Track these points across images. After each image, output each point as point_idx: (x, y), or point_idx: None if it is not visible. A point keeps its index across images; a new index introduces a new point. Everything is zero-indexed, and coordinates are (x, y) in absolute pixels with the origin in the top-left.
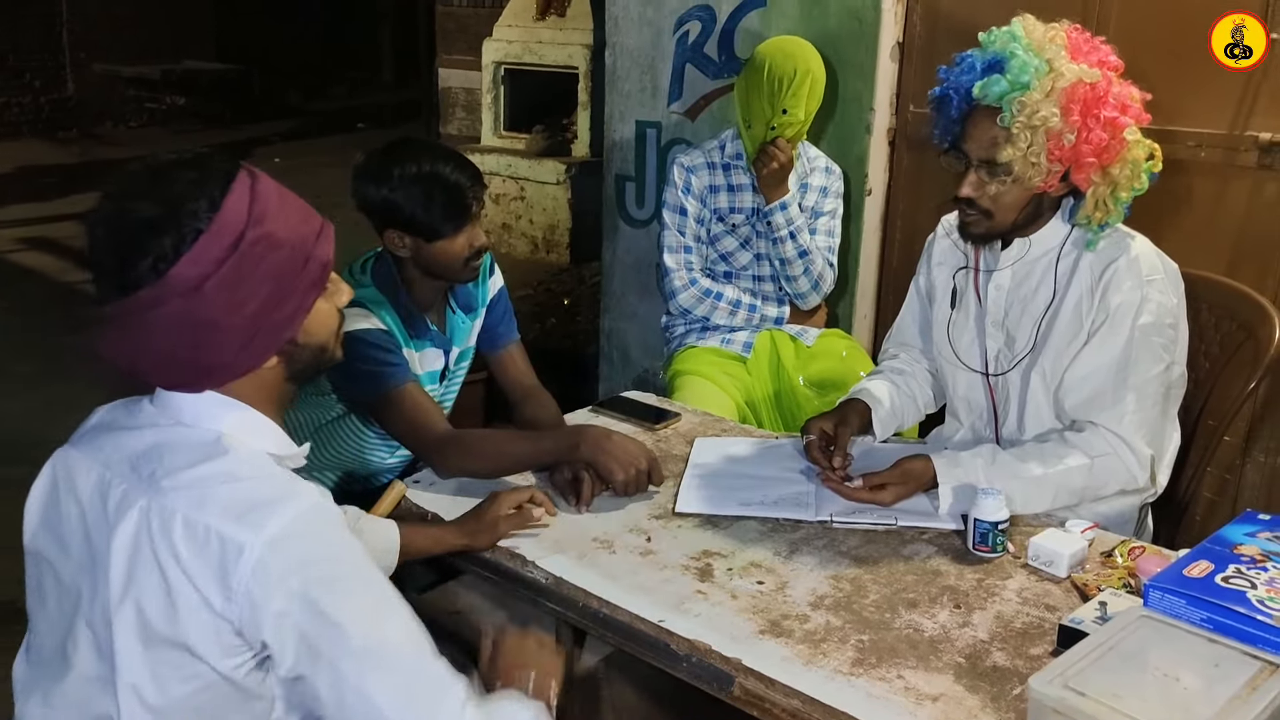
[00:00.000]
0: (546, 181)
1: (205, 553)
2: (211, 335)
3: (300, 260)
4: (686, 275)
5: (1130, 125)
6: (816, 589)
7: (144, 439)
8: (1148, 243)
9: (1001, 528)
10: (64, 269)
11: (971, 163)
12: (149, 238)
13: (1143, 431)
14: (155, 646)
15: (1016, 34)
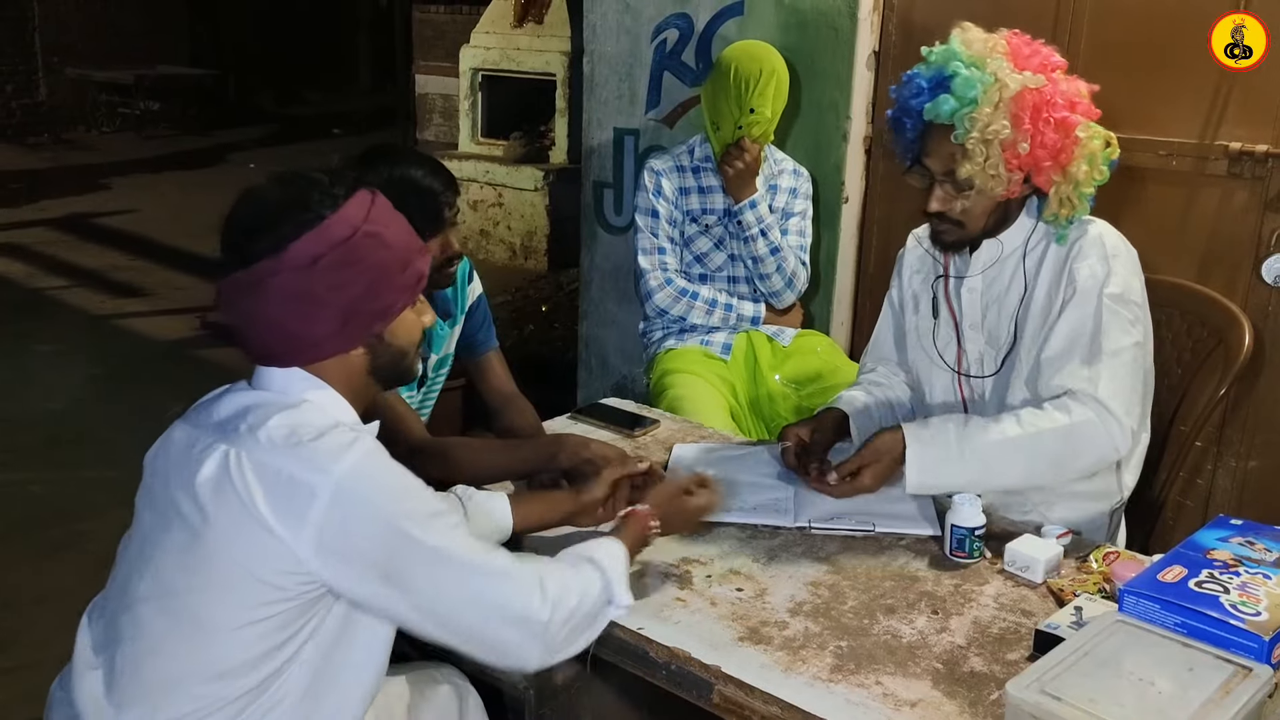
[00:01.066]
0: (524, 188)
1: (279, 492)
2: (314, 310)
3: (401, 264)
4: (661, 275)
5: (1081, 122)
6: (795, 595)
7: (234, 403)
8: (1109, 225)
9: (978, 534)
10: (32, 275)
11: (935, 178)
12: (275, 219)
13: (1120, 399)
14: (224, 573)
15: (956, 50)
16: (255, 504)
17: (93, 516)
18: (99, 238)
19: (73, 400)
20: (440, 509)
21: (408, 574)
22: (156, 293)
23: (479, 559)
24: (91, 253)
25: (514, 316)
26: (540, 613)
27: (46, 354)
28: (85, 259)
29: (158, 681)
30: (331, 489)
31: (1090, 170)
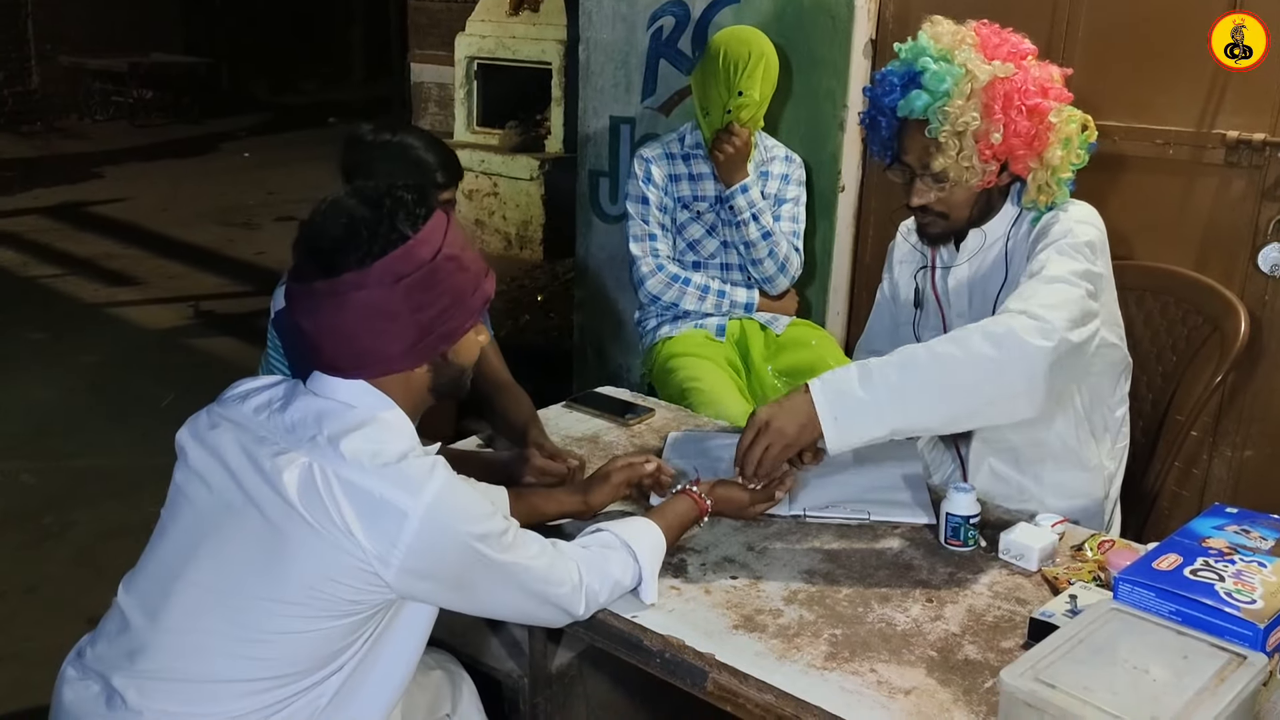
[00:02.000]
0: (520, 177)
1: (371, 512)
2: (391, 326)
3: (472, 287)
4: (653, 261)
5: (1054, 107)
6: (790, 584)
7: (303, 409)
8: (1088, 209)
9: (973, 522)
10: (26, 263)
11: (915, 173)
12: (364, 233)
13: (1053, 309)
14: (301, 583)
15: (925, 45)
16: (346, 522)
17: (83, 506)
18: (92, 226)
19: (64, 389)
20: (504, 525)
21: (475, 584)
22: (148, 281)
23: (537, 567)
24: (84, 241)
25: (509, 306)
26: (577, 609)
27: (38, 342)
28: (78, 247)
29: (197, 678)
30: (422, 513)
31: (1066, 155)
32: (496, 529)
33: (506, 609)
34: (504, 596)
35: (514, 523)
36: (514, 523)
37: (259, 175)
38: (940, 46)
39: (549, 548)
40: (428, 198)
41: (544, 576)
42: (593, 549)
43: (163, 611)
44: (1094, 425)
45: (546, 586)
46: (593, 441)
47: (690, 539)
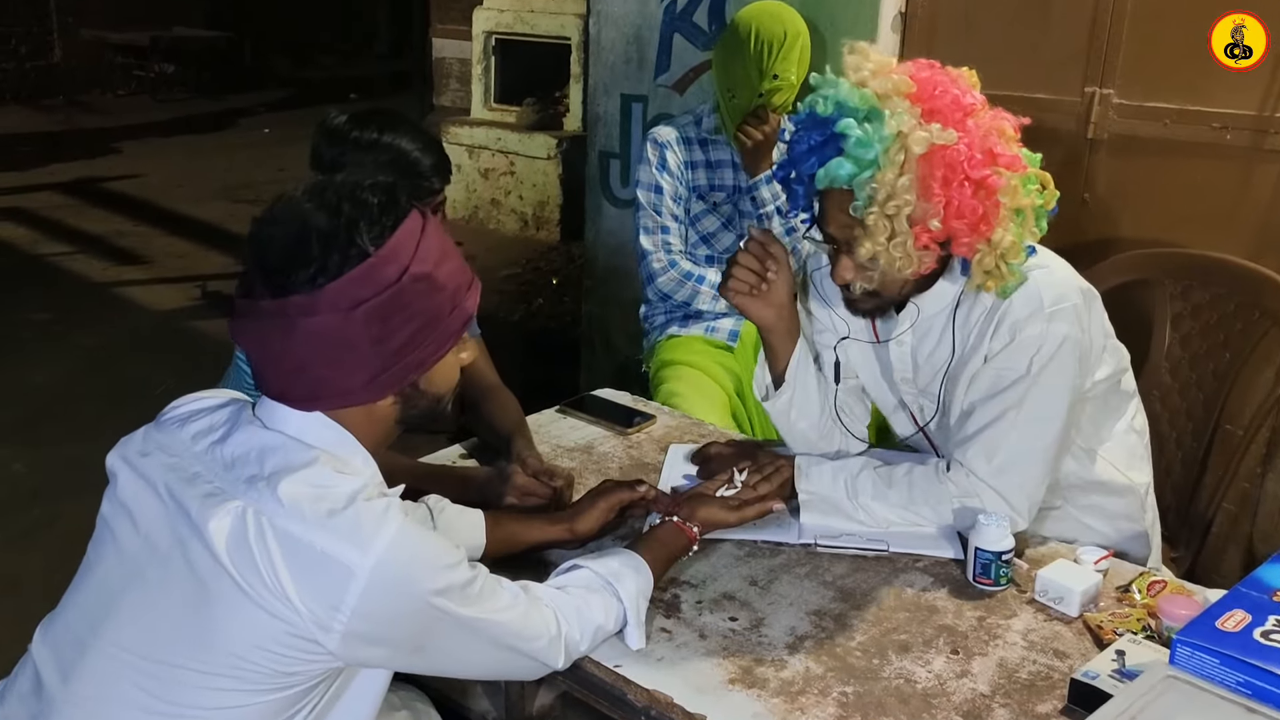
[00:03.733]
0: (537, 156)
1: (309, 570)
2: (348, 357)
3: (448, 307)
4: (665, 257)
5: (1004, 182)
6: (796, 628)
7: (244, 443)
8: (1056, 267)
9: (1006, 558)
10: (36, 241)
11: (839, 245)
12: (317, 249)
13: (1029, 497)
14: (228, 653)
15: (846, 98)
16: (279, 580)
17: (71, 499)
18: (105, 203)
19: (63, 372)
20: (469, 575)
21: (437, 645)
22: (156, 260)
23: (508, 620)
24: (96, 218)
25: (523, 290)
26: (555, 661)
27: (41, 323)
28: (90, 224)
29: None
30: (371, 568)
31: (1020, 234)
32: (460, 580)
33: (475, 668)
34: (471, 655)
35: (481, 570)
36: (481, 570)
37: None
38: (866, 98)
39: (522, 596)
40: (396, 203)
41: (517, 630)
42: (572, 591)
43: (75, 674)
44: (1109, 453)
45: (520, 641)
46: (585, 452)
47: (686, 569)
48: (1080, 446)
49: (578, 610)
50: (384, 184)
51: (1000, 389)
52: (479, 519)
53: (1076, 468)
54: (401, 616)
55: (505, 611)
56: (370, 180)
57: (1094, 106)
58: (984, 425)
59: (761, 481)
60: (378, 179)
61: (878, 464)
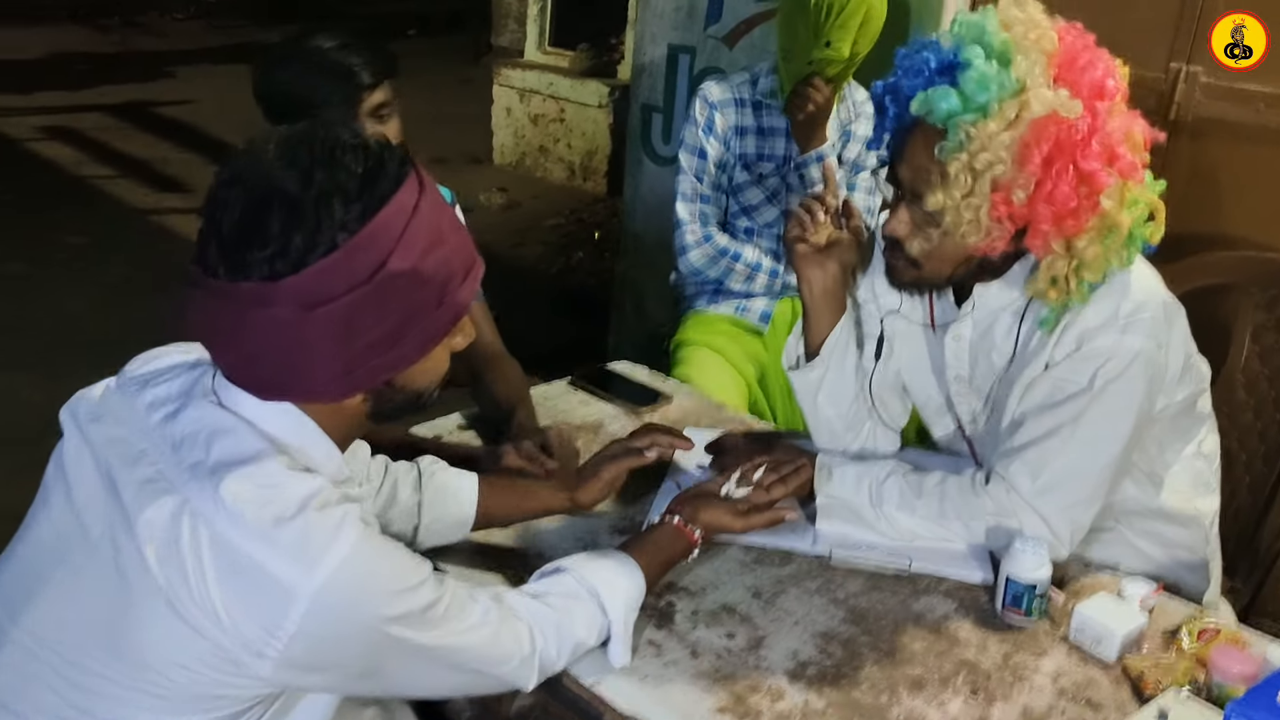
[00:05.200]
0: (588, 104)
1: (243, 587)
2: (306, 357)
3: (434, 302)
4: (700, 229)
5: (1112, 184)
6: (799, 651)
7: (197, 419)
8: (1140, 272)
9: (1040, 590)
10: (80, 162)
11: (903, 193)
12: (277, 226)
13: (1073, 522)
14: (144, 668)
15: (987, 29)
16: (209, 594)
17: None
18: (153, 127)
19: (92, 301)
20: (433, 596)
21: (389, 671)
22: (198, 189)
23: (474, 643)
24: (143, 142)
25: (564, 242)
26: (526, 682)
27: (75, 247)
28: (136, 148)
29: None
30: (314, 591)
31: (1105, 254)
32: (420, 603)
33: (434, 692)
34: (429, 680)
35: (447, 586)
36: (447, 586)
37: None
38: (1004, 39)
39: (493, 612)
40: (382, 172)
41: (483, 654)
42: (552, 601)
43: None
44: (1174, 479)
45: (486, 664)
46: (593, 430)
47: (685, 574)
48: (1142, 470)
49: (556, 625)
50: (374, 145)
51: (1057, 401)
52: (471, 488)
53: (1137, 493)
54: (347, 644)
55: (472, 633)
56: (356, 138)
57: (1178, 85)
58: (1033, 439)
59: (776, 483)
60: (368, 138)
61: (908, 470)
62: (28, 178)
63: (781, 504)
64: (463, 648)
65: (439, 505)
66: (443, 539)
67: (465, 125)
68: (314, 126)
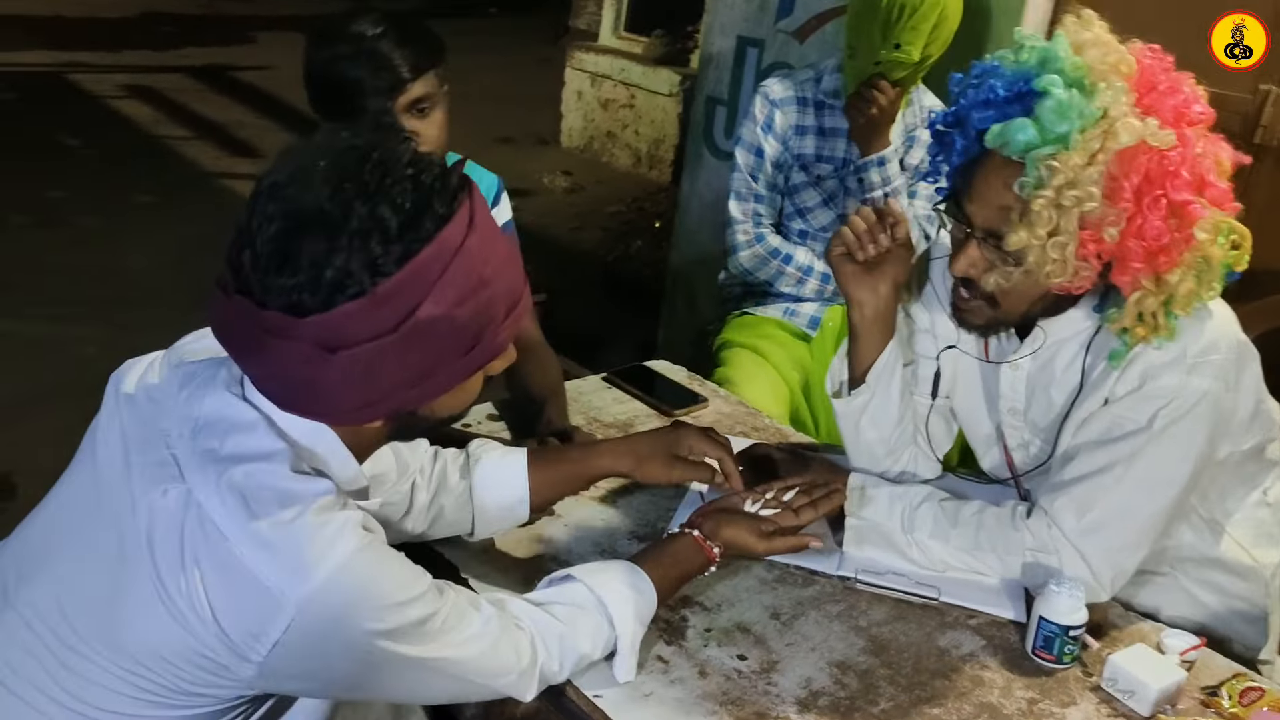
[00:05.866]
0: (658, 92)
1: (232, 589)
2: (324, 390)
3: (466, 346)
4: (753, 230)
5: (1206, 215)
6: (813, 680)
7: (221, 407)
8: (1213, 310)
9: (1074, 634)
10: (158, 121)
11: (974, 231)
12: (310, 258)
13: (1116, 567)
14: (131, 657)
15: (1058, 55)
16: (199, 591)
17: None
18: (231, 91)
19: (156, 259)
20: (430, 609)
21: (380, 680)
22: (269, 155)
23: (470, 655)
24: (219, 105)
25: (623, 229)
26: (525, 693)
27: (144, 205)
28: (212, 111)
29: None
30: (302, 601)
31: (1198, 287)
32: (415, 617)
33: (428, 698)
34: (422, 689)
35: (448, 596)
36: (448, 596)
37: None
38: (1079, 63)
39: (494, 622)
40: (428, 210)
41: (479, 666)
42: (558, 611)
43: None
44: (1235, 529)
45: (482, 677)
46: (623, 430)
47: (703, 588)
48: (1201, 516)
49: (560, 637)
50: (428, 176)
51: (1113, 438)
52: (519, 466)
53: (1195, 540)
54: (334, 655)
55: (469, 645)
56: (414, 165)
57: (1266, 106)
58: (1083, 475)
59: (806, 507)
60: (425, 161)
61: (944, 497)
62: (107, 134)
63: (809, 529)
64: (459, 660)
65: (489, 488)
66: (501, 524)
67: (537, 106)
68: (370, 145)
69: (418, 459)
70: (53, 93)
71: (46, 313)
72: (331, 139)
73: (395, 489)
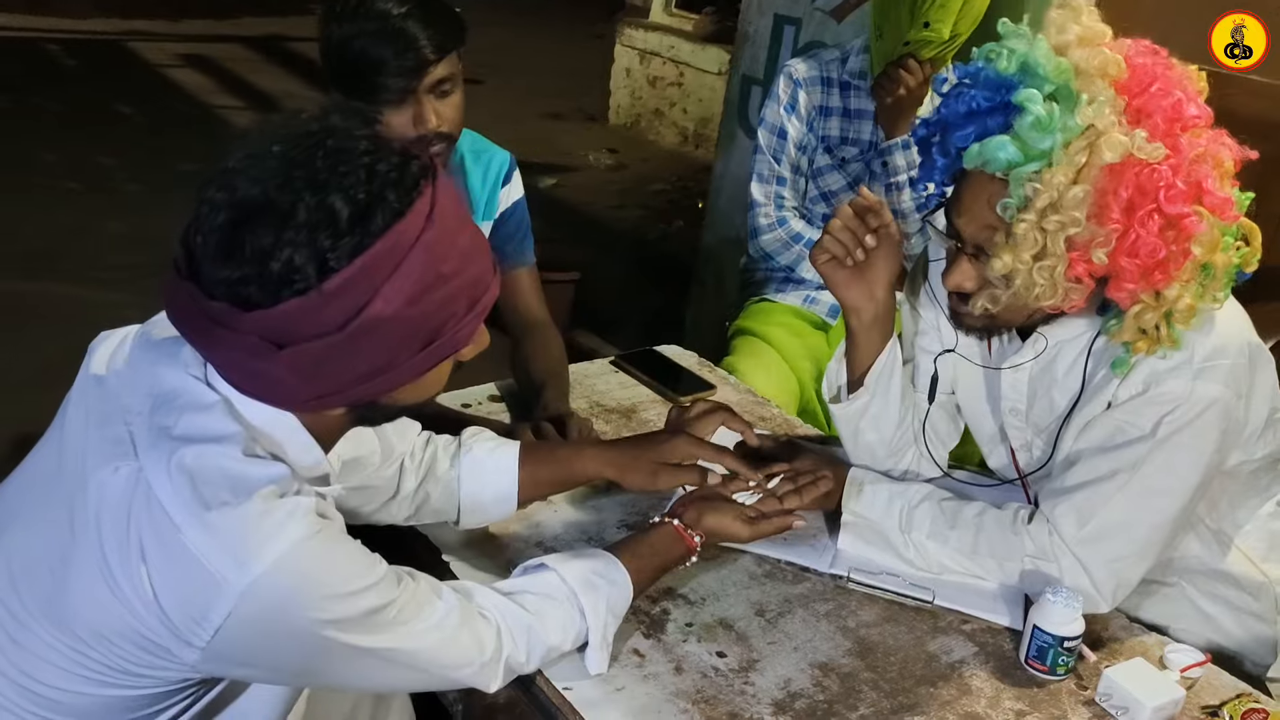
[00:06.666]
0: (707, 70)
1: (174, 573)
2: (274, 382)
3: (424, 341)
4: (775, 213)
5: (1203, 228)
6: (792, 681)
7: (182, 385)
8: (1224, 312)
9: (1069, 645)
10: (211, 91)
11: (964, 246)
12: (254, 250)
13: (1118, 577)
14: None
15: (1037, 62)
16: (141, 570)
17: None
18: (284, 62)
19: None
20: (386, 598)
21: (332, 668)
22: None
23: (427, 646)
24: (272, 76)
25: (666, 208)
26: (488, 684)
27: (187, 174)
28: (264, 81)
29: None
30: (245, 588)
31: (1201, 296)
32: (365, 607)
33: (384, 687)
34: (377, 678)
35: (406, 586)
36: (406, 586)
37: None
38: (1062, 68)
39: (455, 612)
40: (381, 204)
41: (438, 657)
42: (528, 602)
43: None
44: (1245, 541)
45: (441, 668)
46: (626, 415)
47: (689, 580)
48: (1209, 528)
49: (528, 629)
50: (385, 166)
51: (1116, 444)
52: (509, 469)
53: (1202, 552)
54: (279, 643)
55: (426, 636)
56: (369, 152)
57: None
58: (1085, 481)
59: (791, 494)
60: (384, 149)
61: (945, 497)
62: (161, 102)
63: None
64: (414, 650)
65: (477, 479)
66: (487, 517)
67: (588, 81)
68: (327, 131)
69: (406, 442)
70: (112, 60)
71: (90, 278)
72: (289, 123)
73: (378, 473)
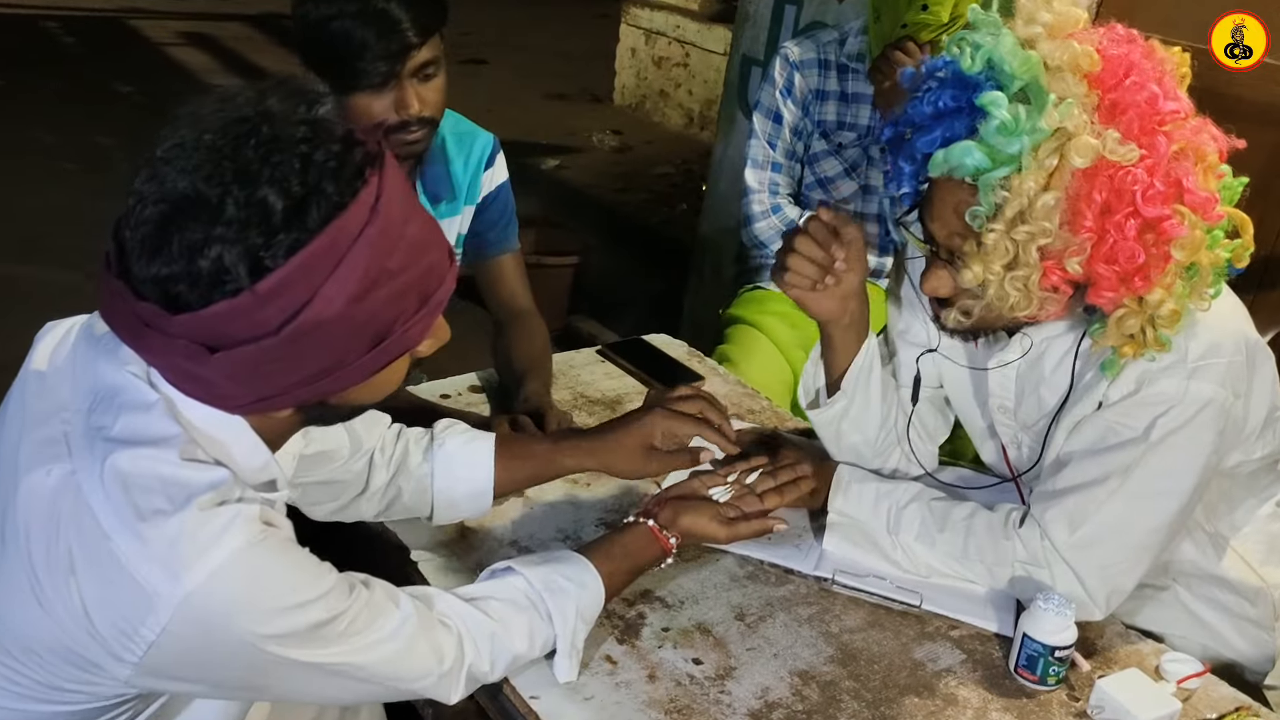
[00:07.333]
0: (713, 50)
1: (103, 582)
2: (211, 384)
3: (372, 341)
4: (769, 200)
5: (1184, 232)
6: (770, 690)
7: (119, 381)
8: (1220, 307)
9: (1061, 654)
10: (211, 70)
11: (939, 250)
12: (182, 248)
13: (1111, 583)
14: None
15: (1002, 60)
16: (70, 581)
17: None
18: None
19: None
20: (334, 610)
21: (277, 683)
22: None
23: (379, 659)
24: (275, 55)
25: (670, 191)
26: (448, 695)
27: None
28: (266, 60)
29: None
30: (179, 602)
31: (1185, 299)
32: (309, 621)
33: (336, 700)
34: (328, 692)
35: (358, 595)
36: (358, 595)
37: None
38: (1029, 64)
39: (411, 621)
40: (320, 197)
41: (392, 670)
42: (492, 607)
43: None
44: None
45: (396, 680)
46: (610, 407)
47: (668, 581)
48: (1205, 531)
49: (492, 636)
50: (325, 153)
51: (1108, 446)
52: (485, 463)
53: (1197, 556)
54: (218, 658)
55: (378, 648)
56: (309, 140)
57: None
58: (1076, 485)
59: (771, 493)
60: (325, 135)
61: (935, 497)
62: (161, 81)
63: (775, 514)
64: (366, 664)
65: (450, 474)
66: (462, 513)
67: (593, 62)
68: (263, 116)
69: (375, 436)
70: (112, 38)
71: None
72: (224, 106)
73: (346, 467)
